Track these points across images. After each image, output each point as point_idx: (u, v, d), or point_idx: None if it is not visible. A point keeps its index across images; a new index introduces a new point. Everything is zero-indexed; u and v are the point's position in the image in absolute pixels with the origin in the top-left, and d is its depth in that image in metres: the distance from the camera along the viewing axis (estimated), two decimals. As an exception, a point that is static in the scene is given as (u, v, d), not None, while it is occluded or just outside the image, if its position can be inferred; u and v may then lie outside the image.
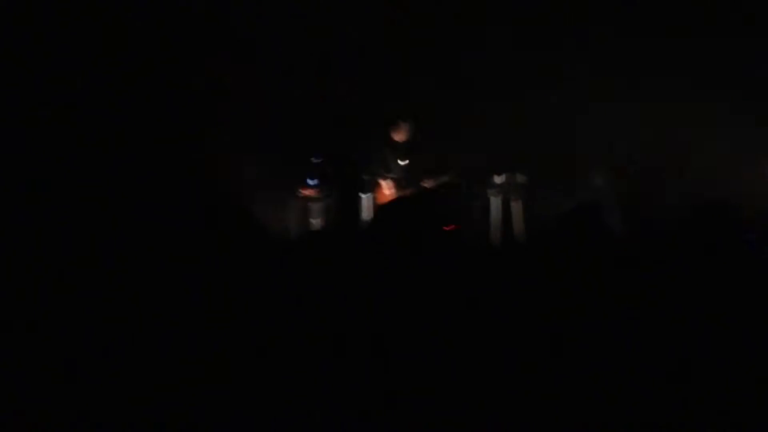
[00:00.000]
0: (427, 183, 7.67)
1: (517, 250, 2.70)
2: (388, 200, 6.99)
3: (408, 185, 7.64)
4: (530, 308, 2.26)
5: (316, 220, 8.03)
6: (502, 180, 7.96)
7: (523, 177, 7.99)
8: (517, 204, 7.92)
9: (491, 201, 7.93)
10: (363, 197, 7.83)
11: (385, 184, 7.70)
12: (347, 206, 7.83)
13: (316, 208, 8.08)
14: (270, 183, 8.22)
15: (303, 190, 8.07)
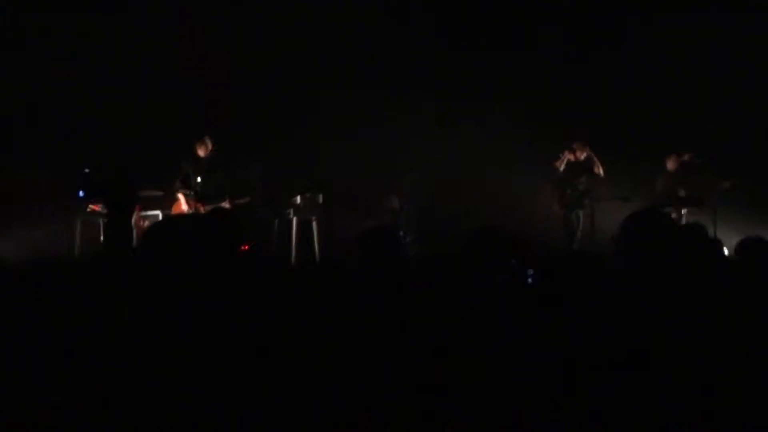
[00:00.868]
0: (226, 203, 7.52)
1: (315, 268, 2.70)
2: (178, 216, 6.75)
3: (207, 201, 7.47)
4: (325, 323, 2.29)
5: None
6: (303, 200, 8.03)
7: (322, 197, 8.11)
8: (316, 224, 8.03)
9: (292, 221, 7.96)
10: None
11: (183, 199, 7.46)
12: (115, 224, 6.82)
13: (104, 225, 7.28)
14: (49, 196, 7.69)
15: (92, 205, 7.46)
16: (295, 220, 7.97)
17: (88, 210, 7.46)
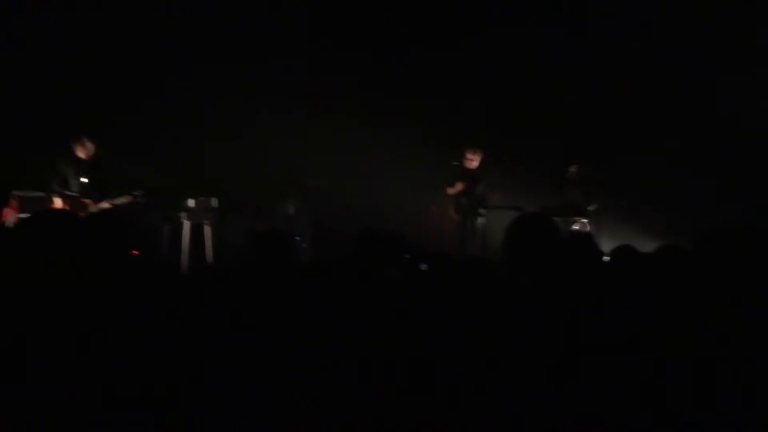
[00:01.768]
0: (106, 203, 7.26)
1: (207, 274, 2.64)
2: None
3: (87, 202, 7.20)
4: (218, 330, 2.24)
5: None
6: (196, 204, 7.82)
7: (215, 201, 7.93)
8: (208, 228, 7.83)
9: (183, 225, 7.74)
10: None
11: (59, 201, 7.15)
12: None
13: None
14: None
15: None
16: (187, 225, 7.75)
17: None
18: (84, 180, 7.35)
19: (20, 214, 7.08)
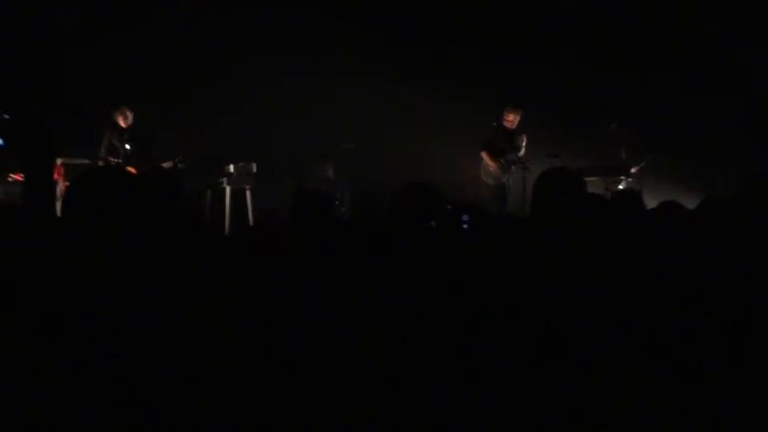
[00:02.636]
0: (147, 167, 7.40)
1: (249, 237, 2.67)
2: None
3: (131, 169, 7.34)
4: (263, 292, 2.26)
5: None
6: (236, 169, 7.90)
7: (255, 166, 8.00)
8: (249, 192, 7.93)
9: (226, 190, 7.83)
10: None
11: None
12: (34, 179, 6.18)
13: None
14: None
15: (13, 174, 7.12)
16: (228, 190, 7.85)
17: (9, 180, 7.14)
18: (127, 147, 7.51)
19: (67, 182, 7.21)
